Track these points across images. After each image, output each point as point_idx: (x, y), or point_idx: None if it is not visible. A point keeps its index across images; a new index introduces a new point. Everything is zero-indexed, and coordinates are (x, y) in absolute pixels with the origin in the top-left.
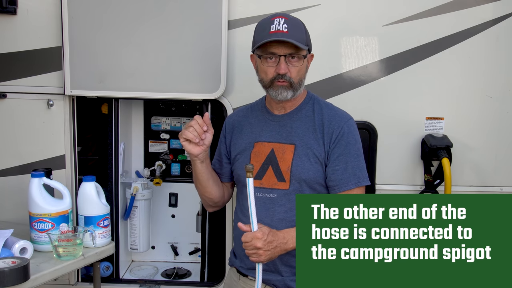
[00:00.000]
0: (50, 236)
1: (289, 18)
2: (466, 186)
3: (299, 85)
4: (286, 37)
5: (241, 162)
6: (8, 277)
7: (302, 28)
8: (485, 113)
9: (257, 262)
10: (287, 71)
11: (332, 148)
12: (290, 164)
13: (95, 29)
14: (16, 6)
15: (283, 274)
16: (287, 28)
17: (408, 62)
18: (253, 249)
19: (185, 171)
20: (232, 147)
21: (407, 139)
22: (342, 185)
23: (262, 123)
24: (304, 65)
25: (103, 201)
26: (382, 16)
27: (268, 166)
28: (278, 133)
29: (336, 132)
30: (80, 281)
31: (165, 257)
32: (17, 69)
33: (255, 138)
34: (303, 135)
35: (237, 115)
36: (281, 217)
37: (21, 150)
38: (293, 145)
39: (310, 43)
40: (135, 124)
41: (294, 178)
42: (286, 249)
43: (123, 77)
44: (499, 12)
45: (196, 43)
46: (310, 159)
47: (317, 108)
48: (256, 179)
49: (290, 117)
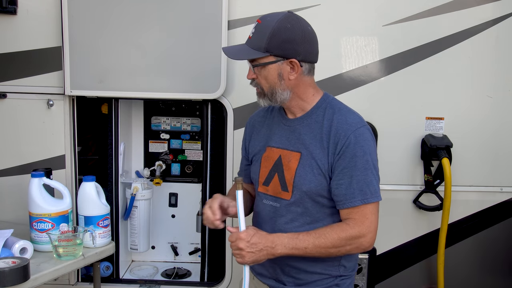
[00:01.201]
0: (50, 236)
1: (262, 22)
2: (466, 186)
3: (272, 93)
4: (247, 43)
5: (254, 165)
6: (8, 277)
7: (266, 33)
8: (485, 113)
9: (241, 263)
10: (253, 77)
11: (337, 160)
12: (293, 174)
13: (95, 29)
14: (16, 6)
15: (286, 283)
16: (253, 33)
17: (408, 62)
18: (236, 250)
19: (185, 171)
20: (251, 148)
21: (407, 139)
22: (347, 201)
23: (275, 126)
24: (271, 72)
25: (103, 201)
26: (382, 16)
27: (274, 173)
28: (287, 139)
29: (341, 142)
30: (80, 281)
31: (165, 257)
32: (17, 69)
33: (267, 142)
34: (309, 143)
35: (258, 115)
36: (281, 228)
37: (21, 150)
38: (299, 153)
39: (281, 48)
40: (135, 124)
41: (296, 189)
42: (274, 254)
43: (123, 77)
44: (499, 12)
45: (196, 43)
46: (313, 170)
47: (328, 113)
48: (264, 184)
49: (300, 122)
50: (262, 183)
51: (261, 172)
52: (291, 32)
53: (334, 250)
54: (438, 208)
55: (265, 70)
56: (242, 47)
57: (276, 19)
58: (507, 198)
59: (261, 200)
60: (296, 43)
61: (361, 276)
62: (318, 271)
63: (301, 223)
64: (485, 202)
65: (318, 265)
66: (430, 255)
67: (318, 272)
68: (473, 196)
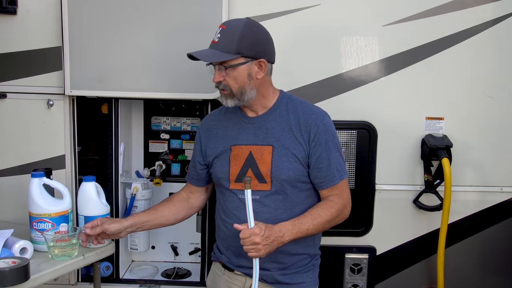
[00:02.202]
0: (46, 237)
1: (226, 27)
2: (466, 186)
3: (241, 93)
4: (213, 47)
5: (219, 165)
6: (8, 277)
7: (235, 36)
8: (485, 113)
9: (256, 257)
10: (220, 80)
11: (313, 146)
12: (270, 166)
13: (95, 29)
14: (16, 6)
15: (271, 269)
16: (219, 38)
17: (408, 62)
18: (251, 245)
19: (185, 171)
20: (209, 151)
21: (407, 139)
22: (328, 181)
23: (237, 125)
24: (241, 72)
25: (103, 201)
26: (382, 16)
27: (247, 168)
28: (254, 135)
29: (313, 130)
30: (80, 281)
31: (165, 257)
32: (17, 69)
33: (232, 141)
34: (279, 135)
35: (211, 119)
36: (266, 217)
37: (21, 150)
38: (270, 146)
39: (252, 50)
40: (135, 124)
41: (275, 179)
42: (283, 242)
43: (123, 77)
44: (499, 12)
45: (196, 43)
46: (289, 159)
47: (291, 107)
48: (237, 181)
49: (265, 118)
50: (233, 180)
51: (231, 170)
52: (258, 34)
53: (328, 225)
54: (438, 208)
55: (236, 71)
56: (210, 51)
57: (241, 23)
58: (507, 198)
59: (236, 196)
60: (262, 45)
61: (361, 276)
62: (299, 252)
63: (284, 210)
64: (485, 202)
65: (299, 246)
66: (430, 255)
67: (300, 252)
68: (473, 196)
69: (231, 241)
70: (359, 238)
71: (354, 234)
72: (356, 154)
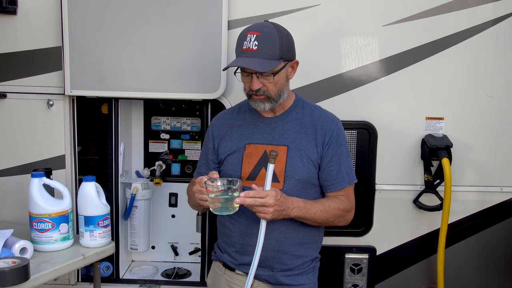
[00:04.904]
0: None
1: (261, 33)
2: (466, 186)
3: (279, 96)
4: (255, 55)
5: (231, 163)
6: (8, 277)
7: (275, 42)
8: (485, 113)
9: (264, 218)
10: (260, 87)
11: (326, 149)
12: (284, 165)
13: (95, 29)
14: (16, 6)
15: (274, 270)
16: (257, 46)
17: (408, 62)
18: (262, 206)
19: (185, 171)
20: (222, 149)
21: (407, 139)
22: (337, 184)
23: (252, 125)
24: (282, 76)
25: (103, 201)
26: (382, 16)
27: (261, 167)
28: (270, 135)
29: (329, 134)
30: (80, 281)
31: (165, 257)
32: (17, 69)
33: (246, 139)
34: (295, 137)
35: (224, 117)
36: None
37: (21, 150)
38: (285, 146)
39: (289, 52)
40: (135, 124)
41: (289, 179)
42: (289, 215)
43: (123, 77)
44: (499, 12)
45: (196, 43)
46: (303, 160)
47: (307, 110)
48: (249, 179)
49: (281, 119)
50: (246, 178)
51: (243, 168)
52: (290, 37)
53: (332, 220)
54: (438, 208)
55: (278, 76)
56: (258, 60)
57: (273, 28)
58: (507, 198)
59: None
60: (293, 46)
61: (361, 276)
62: (302, 254)
63: None
64: (485, 202)
65: (302, 248)
66: (430, 255)
67: (302, 254)
68: (473, 196)
69: (237, 238)
70: (359, 238)
71: (354, 234)
72: (356, 154)
